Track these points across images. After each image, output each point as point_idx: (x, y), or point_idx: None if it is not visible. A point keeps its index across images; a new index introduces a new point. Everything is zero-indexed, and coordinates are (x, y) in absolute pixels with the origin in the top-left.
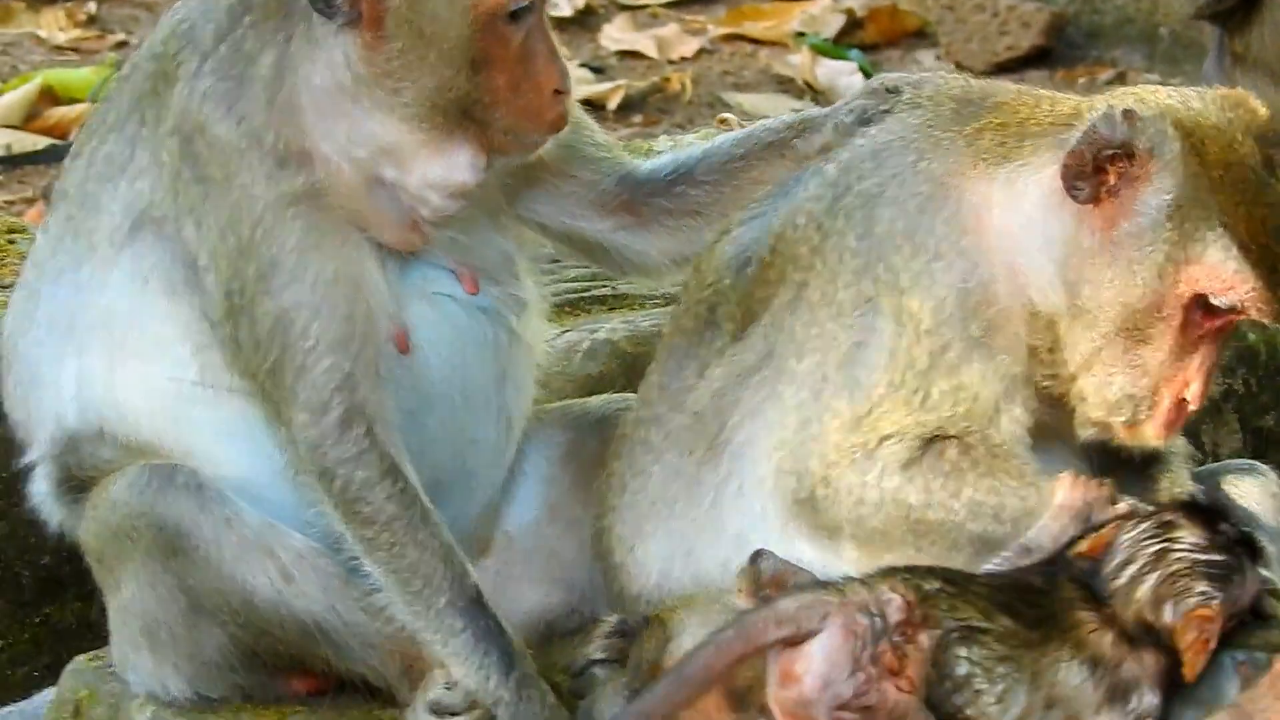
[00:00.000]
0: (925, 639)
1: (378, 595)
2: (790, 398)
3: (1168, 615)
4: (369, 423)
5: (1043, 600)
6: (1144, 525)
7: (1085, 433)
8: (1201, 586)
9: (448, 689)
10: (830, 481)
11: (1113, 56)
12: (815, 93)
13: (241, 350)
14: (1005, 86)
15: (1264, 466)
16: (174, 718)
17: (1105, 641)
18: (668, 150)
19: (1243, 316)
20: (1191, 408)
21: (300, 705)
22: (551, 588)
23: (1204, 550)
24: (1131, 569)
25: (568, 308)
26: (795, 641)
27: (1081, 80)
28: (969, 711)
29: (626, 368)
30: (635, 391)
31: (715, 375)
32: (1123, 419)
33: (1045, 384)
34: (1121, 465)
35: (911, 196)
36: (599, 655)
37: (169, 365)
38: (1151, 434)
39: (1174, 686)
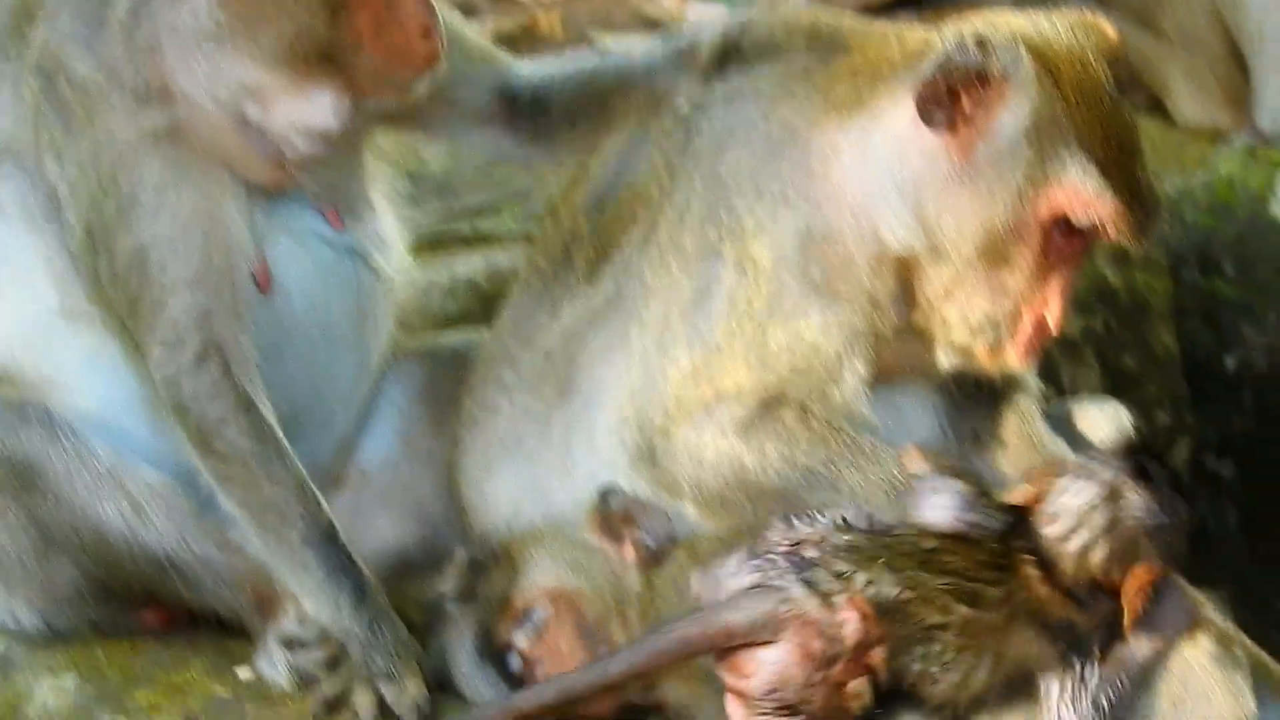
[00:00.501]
0: (879, 654)
1: (231, 530)
2: (636, 344)
3: (1114, 574)
4: (225, 359)
5: (1004, 577)
6: (1088, 490)
7: (947, 361)
8: (1145, 552)
9: (300, 623)
10: (670, 436)
11: None
12: None
13: (100, 284)
14: (855, 21)
15: (1115, 402)
16: (26, 650)
17: (1056, 603)
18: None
19: (1102, 237)
20: (1052, 330)
21: (152, 638)
22: (406, 522)
23: (1153, 515)
24: (1083, 537)
25: (428, 246)
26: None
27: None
28: (918, 693)
29: (486, 306)
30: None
31: (566, 316)
32: (985, 343)
33: (886, 329)
34: (974, 403)
35: (760, 141)
36: (451, 590)
37: (30, 295)
38: (1014, 357)
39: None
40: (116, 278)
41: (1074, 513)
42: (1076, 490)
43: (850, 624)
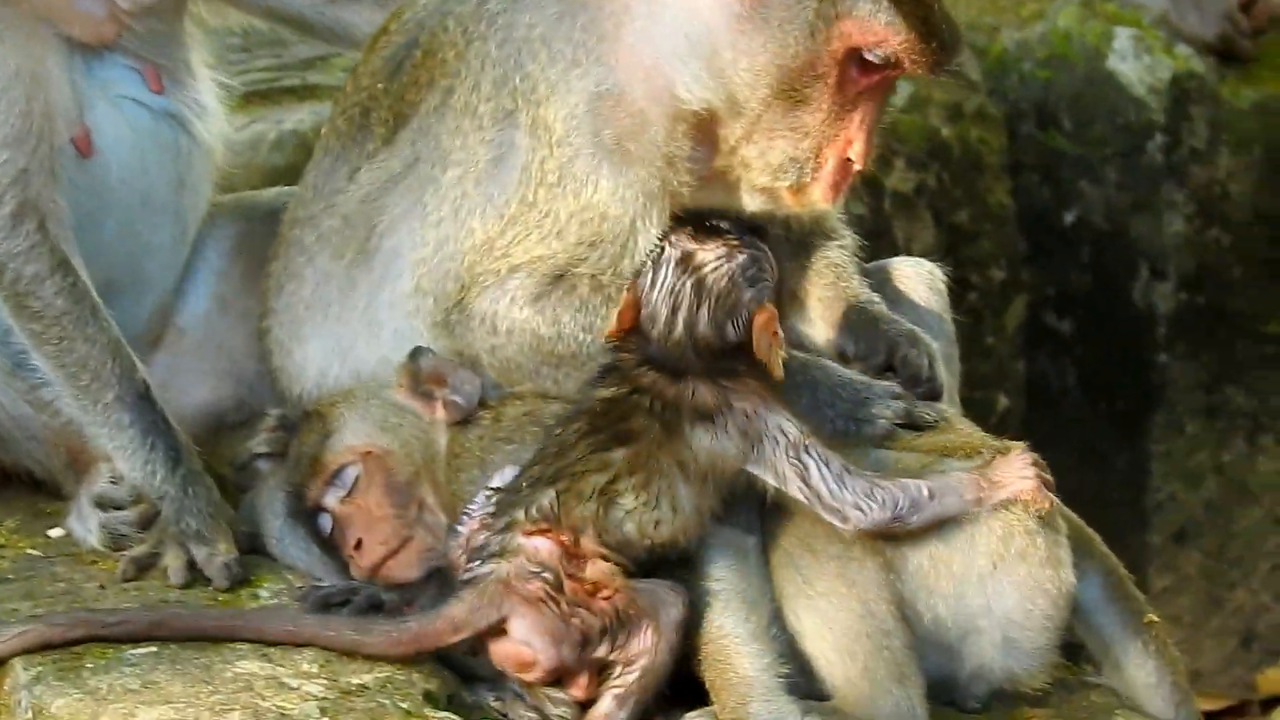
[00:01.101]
0: (587, 545)
1: (44, 389)
2: (432, 211)
3: (732, 334)
4: (41, 218)
5: (634, 406)
6: (663, 271)
7: (752, 204)
8: (749, 292)
9: (113, 483)
10: (464, 307)
11: None
12: None
13: None
14: None
15: (928, 262)
16: None
17: (704, 395)
18: None
19: (899, 72)
20: (856, 167)
21: None
22: (221, 381)
23: (729, 259)
24: (682, 314)
25: (256, 98)
26: (488, 635)
27: None
28: (660, 543)
29: None
30: None
31: (364, 180)
32: (788, 183)
33: (683, 188)
34: (790, 261)
35: (552, 3)
36: (262, 449)
37: None
38: (818, 196)
39: None
40: None
41: (663, 297)
42: (655, 279)
43: (537, 546)
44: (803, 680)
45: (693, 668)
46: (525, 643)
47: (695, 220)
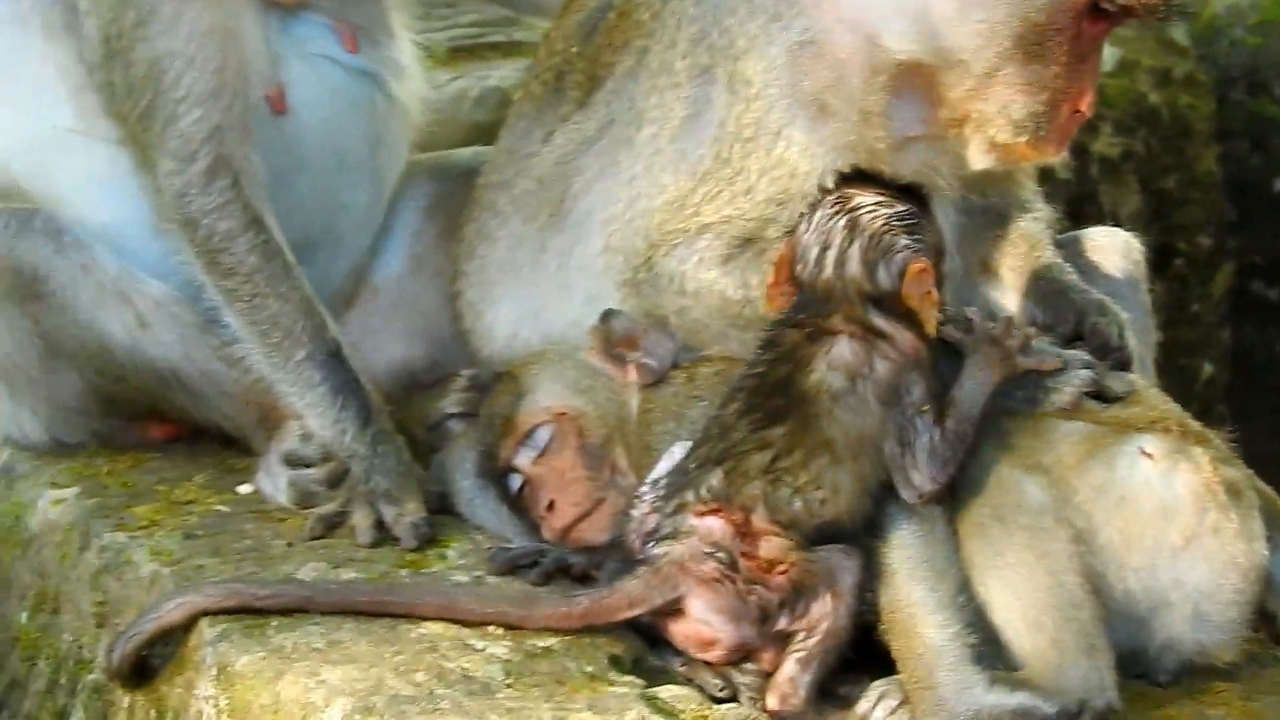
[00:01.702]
0: (759, 523)
1: (236, 346)
2: (626, 170)
3: (884, 279)
4: (235, 175)
5: (779, 382)
6: (819, 213)
7: (981, 161)
8: (904, 240)
9: (303, 441)
10: (652, 265)
11: None
12: None
13: (115, 96)
14: None
15: (1124, 231)
16: (29, 460)
17: (844, 353)
18: None
19: (1132, 18)
20: (1085, 114)
21: (156, 452)
22: (414, 340)
23: (887, 205)
24: (832, 252)
25: (461, 53)
26: (664, 614)
27: None
28: (831, 518)
29: None
30: None
31: (558, 142)
32: (1026, 137)
33: (880, 144)
34: (983, 230)
35: None
36: (454, 409)
37: (44, 107)
38: (1053, 148)
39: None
40: (131, 89)
41: (814, 236)
42: (809, 221)
43: (710, 526)
44: (990, 651)
45: (878, 636)
46: (704, 622)
47: (857, 171)
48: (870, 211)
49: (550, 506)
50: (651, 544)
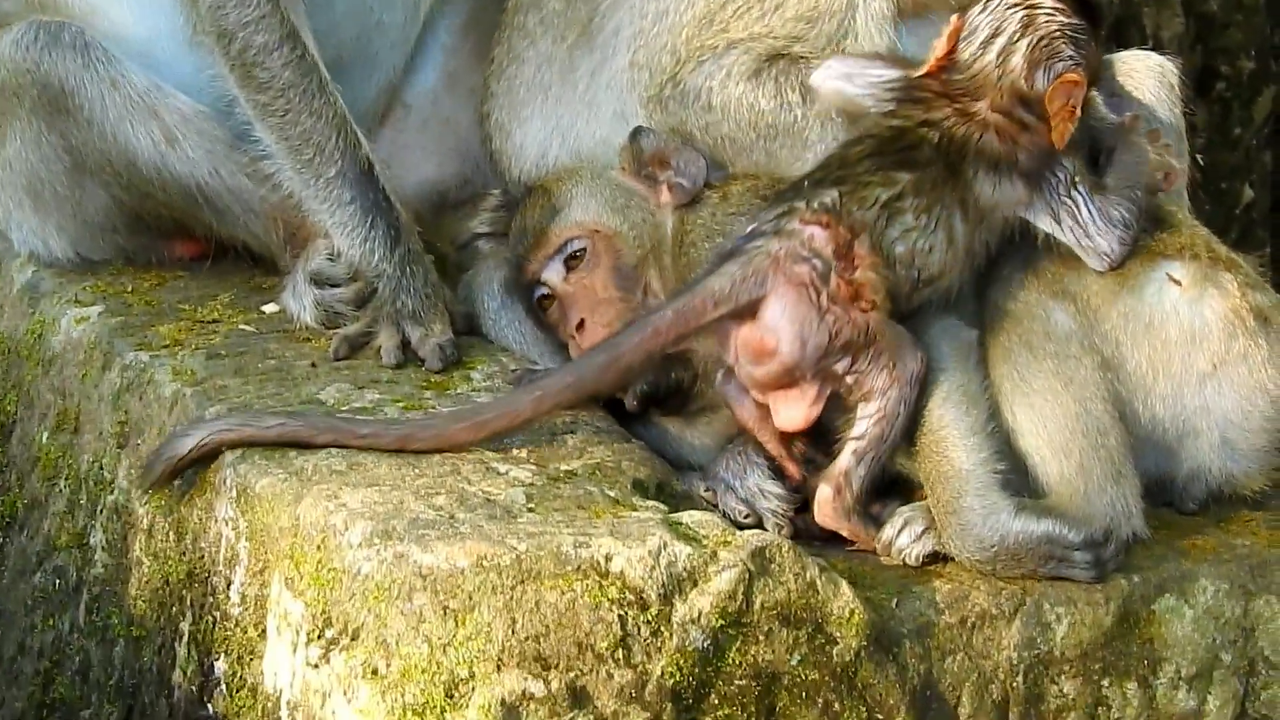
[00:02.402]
0: (861, 249)
1: (266, 162)
2: None
3: (1040, 81)
4: None
5: (920, 137)
6: (999, 1)
7: None
8: (1069, 50)
9: (330, 260)
10: (679, 81)
11: None
12: None
13: None
14: None
15: (1158, 55)
16: (54, 277)
17: (991, 141)
18: None
19: None
20: None
21: (182, 270)
22: (446, 157)
23: (1065, 14)
24: (1000, 41)
25: None
26: (741, 316)
27: None
28: (928, 273)
29: None
30: None
31: None
32: None
33: None
34: None
35: None
36: (484, 229)
37: None
38: None
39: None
40: None
41: (988, 22)
42: (988, 5)
43: (815, 232)
44: (1017, 479)
45: (909, 460)
46: (773, 329)
47: None
48: (1048, 14)
49: (580, 326)
50: (745, 239)
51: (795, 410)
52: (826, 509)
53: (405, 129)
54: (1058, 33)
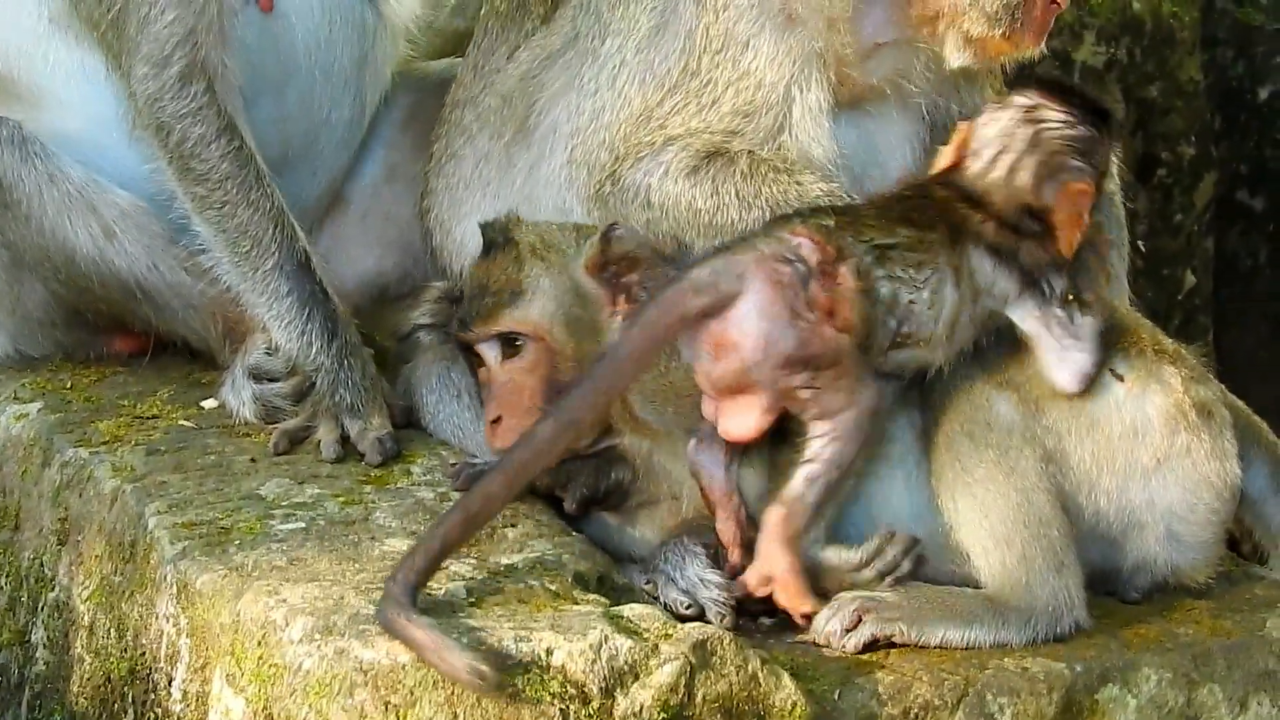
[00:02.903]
0: (847, 273)
1: (204, 256)
2: (590, 83)
3: (1047, 195)
4: (210, 79)
5: (925, 206)
6: (1005, 114)
7: (958, 59)
8: (1075, 163)
9: (268, 354)
10: (618, 178)
11: None
12: None
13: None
14: None
15: None
16: None
17: (994, 232)
18: None
19: None
20: (1062, 6)
21: (121, 365)
22: (386, 250)
23: (1072, 126)
24: (1007, 160)
25: None
26: (716, 310)
27: None
28: (907, 328)
29: None
30: None
31: (523, 58)
32: (1002, 29)
33: (848, 51)
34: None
35: None
36: (425, 319)
37: (14, 10)
38: (1030, 40)
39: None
40: None
41: (995, 138)
42: (995, 119)
43: (804, 243)
44: (961, 569)
45: None
46: (741, 324)
47: (1054, 82)
48: (1055, 129)
49: (497, 421)
50: (734, 241)
51: (744, 418)
52: (774, 532)
53: (345, 222)
54: (1066, 147)
